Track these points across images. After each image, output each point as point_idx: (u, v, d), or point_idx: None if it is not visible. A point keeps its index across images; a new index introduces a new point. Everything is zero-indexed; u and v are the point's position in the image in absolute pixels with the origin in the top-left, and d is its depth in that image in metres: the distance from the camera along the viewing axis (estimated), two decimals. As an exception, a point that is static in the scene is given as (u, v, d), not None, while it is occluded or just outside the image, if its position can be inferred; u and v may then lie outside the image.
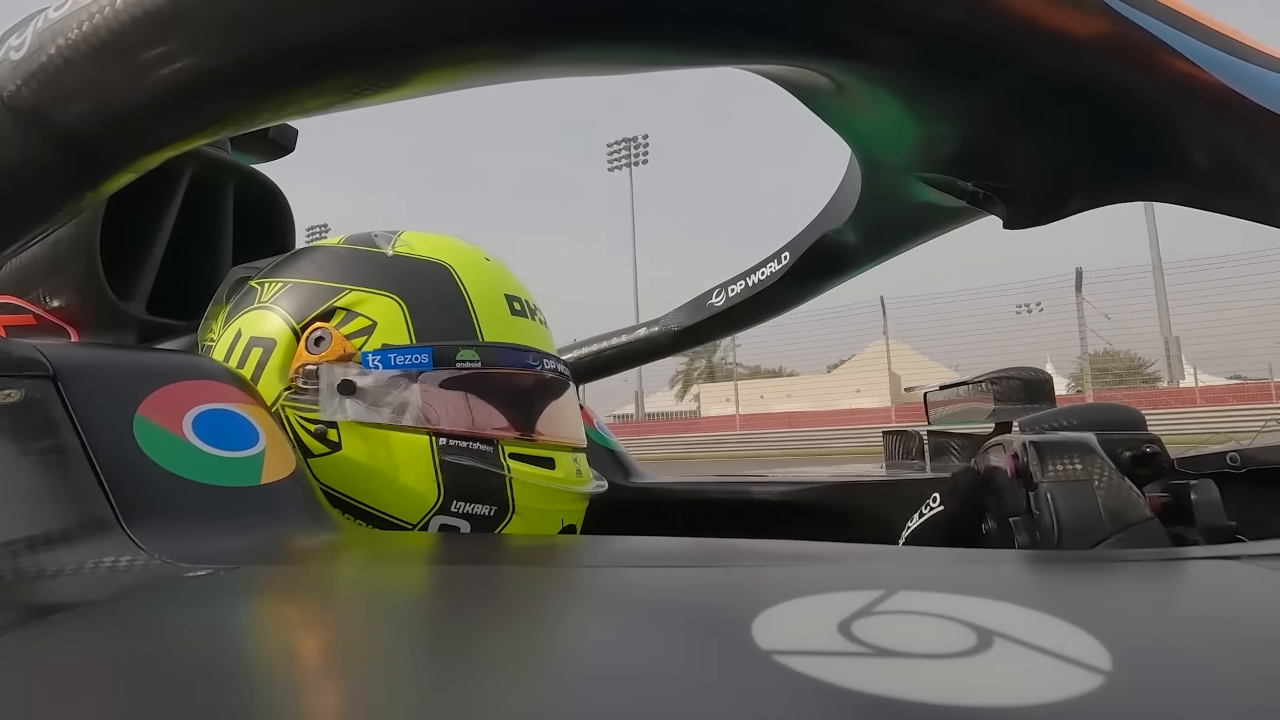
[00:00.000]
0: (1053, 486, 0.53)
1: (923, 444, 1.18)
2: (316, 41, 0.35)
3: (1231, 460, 0.69)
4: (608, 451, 1.02)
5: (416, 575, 0.41)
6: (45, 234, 0.47)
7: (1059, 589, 0.31)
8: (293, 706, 0.22)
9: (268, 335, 0.65)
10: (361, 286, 0.65)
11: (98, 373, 0.50)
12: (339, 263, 0.67)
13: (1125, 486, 0.53)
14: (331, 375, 0.62)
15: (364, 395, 0.62)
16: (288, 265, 0.70)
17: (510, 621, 0.30)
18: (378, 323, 0.63)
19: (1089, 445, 0.56)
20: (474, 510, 0.63)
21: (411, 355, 0.62)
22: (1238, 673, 0.21)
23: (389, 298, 0.64)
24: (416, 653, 0.26)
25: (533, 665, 0.25)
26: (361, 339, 0.63)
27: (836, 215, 0.84)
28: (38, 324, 0.79)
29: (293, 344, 0.64)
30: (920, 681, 0.20)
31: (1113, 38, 0.37)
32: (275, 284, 0.67)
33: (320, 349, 0.63)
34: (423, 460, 0.62)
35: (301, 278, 0.67)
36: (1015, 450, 0.59)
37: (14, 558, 0.39)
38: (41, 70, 0.37)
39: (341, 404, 0.61)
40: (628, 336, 1.23)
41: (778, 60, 0.45)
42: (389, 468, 0.62)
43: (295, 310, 0.65)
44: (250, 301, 0.68)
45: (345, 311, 0.64)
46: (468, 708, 0.21)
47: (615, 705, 0.20)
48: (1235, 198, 0.44)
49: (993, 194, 0.57)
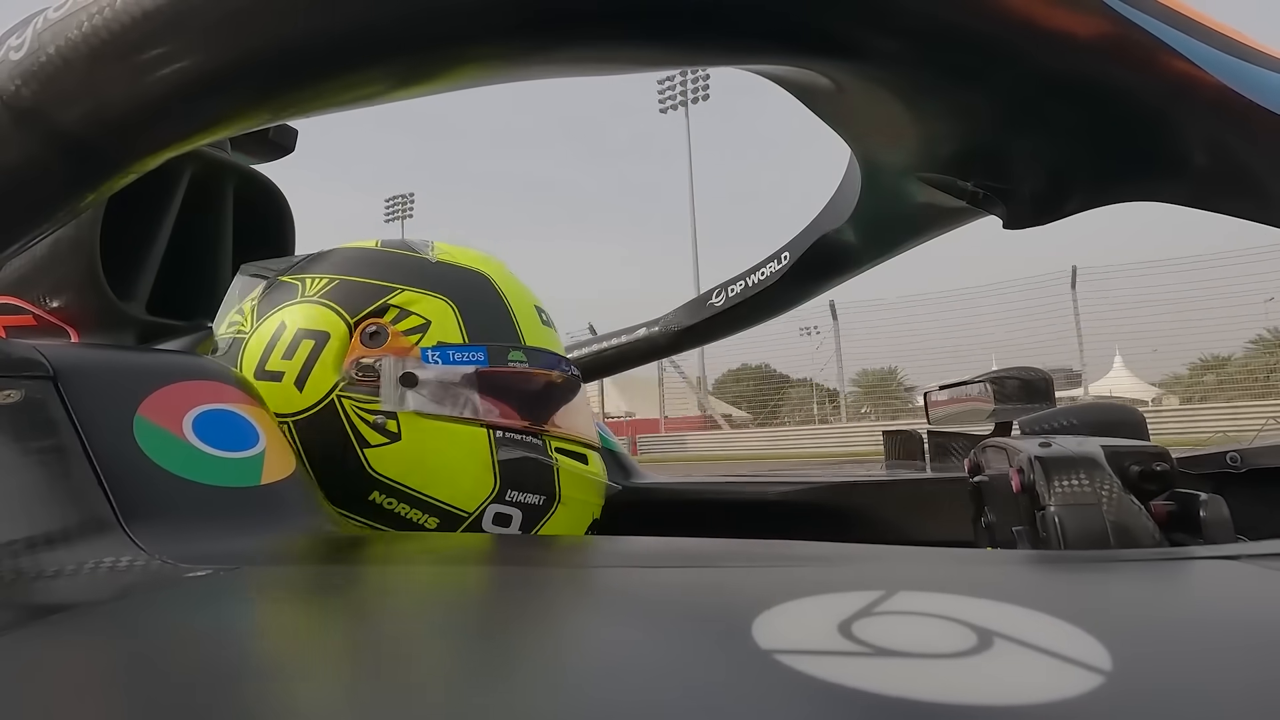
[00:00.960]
0: (1061, 511, 0.52)
1: (923, 444, 1.18)
2: (316, 42, 0.35)
3: (1232, 460, 0.69)
4: (608, 452, 1.02)
5: (416, 575, 0.41)
6: (45, 234, 0.47)
7: (1059, 589, 0.31)
8: (293, 707, 0.22)
9: (319, 328, 0.66)
10: (413, 287, 0.68)
11: (98, 373, 0.50)
12: (387, 263, 0.70)
13: (1134, 510, 0.52)
14: (394, 368, 0.64)
15: (425, 388, 0.64)
16: (324, 263, 0.71)
17: (511, 621, 0.30)
18: (432, 321, 0.67)
19: (1095, 461, 0.55)
20: (526, 499, 0.67)
21: (468, 353, 0.66)
22: (1237, 673, 0.21)
23: (441, 299, 0.68)
24: (416, 653, 0.26)
25: (533, 665, 0.25)
26: (417, 336, 0.66)
27: (836, 215, 0.84)
28: (38, 324, 0.79)
29: (346, 337, 0.66)
30: (920, 681, 0.20)
31: (1113, 38, 0.37)
32: (320, 279, 0.69)
33: (375, 343, 0.65)
34: (481, 451, 0.65)
35: (350, 275, 0.69)
36: (1021, 465, 0.58)
37: (14, 558, 0.39)
38: (41, 70, 0.37)
39: (403, 395, 0.64)
40: (628, 337, 1.23)
41: (778, 60, 0.45)
42: (448, 458, 0.65)
43: (348, 305, 0.66)
44: (291, 295, 0.68)
45: (398, 309, 0.66)
46: (467, 707, 0.21)
47: (616, 704, 0.20)
48: (1235, 198, 0.44)
49: (992, 194, 0.57)
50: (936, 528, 0.88)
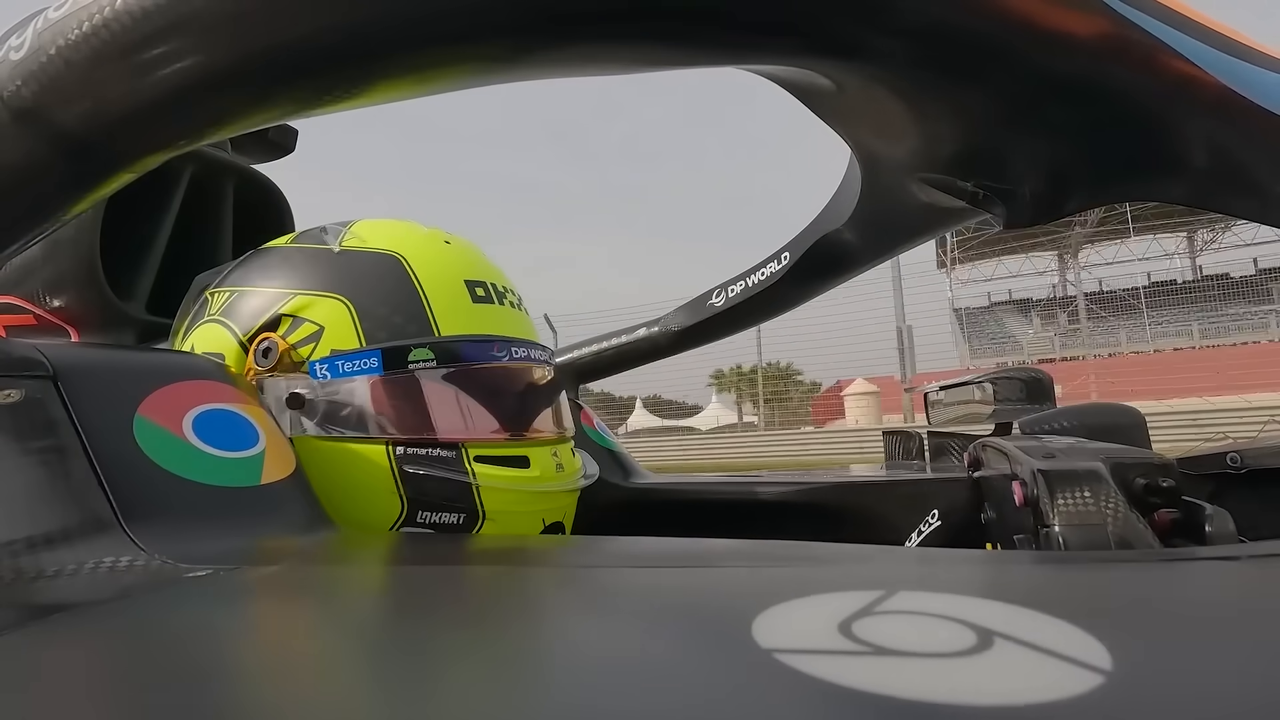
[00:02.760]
0: (1066, 531, 0.51)
1: (922, 444, 1.18)
2: (316, 43, 0.35)
3: (1232, 461, 0.69)
4: (608, 452, 1.02)
5: (416, 576, 0.41)
6: (45, 234, 0.47)
7: (1059, 589, 0.31)
8: (292, 707, 0.22)
9: (215, 350, 0.63)
10: (306, 290, 0.61)
11: (98, 373, 0.50)
12: (285, 266, 0.64)
13: (1139, 529, 0.51)
14: (278, 389, 0.59)
15: (315, 408, 0.59)
16: (238, 272, 0.67)
17: (511, 622, 0.30)
18: (325, 327, 0.60)
19: (1098, 474, 0.54)
20: (441, 519, 0.60)
21: (360, 360, 0.59)
22: (1237, 673, 0.21)
23: (335, 299, 0.61)
24: (416, 654, 0.26)
25: (532, 665, 0.25)
26: (310, 346, 0.60)
27: (836, 215, 0.84)
28: (38, 324, 0.79)
29: (242, 358, 0.61)
30: (921, 681, 0.20)
31: (1112, 38, 0.37)
32: (223, 294, 0.65)
33: (268, 361, 0.60)
34: (381, 472, 0.58)
35: (248, 285, 0.64)
36: (1024, 478, 0.57)
37: (14, 558, 0.39)
38: (41, 71, 0.37)
39: (294, 419, 0.59)
40: (628, 337, 1.23)
41: (779, 61, 0.45)
42: (348, 482, 0.59)
43: (242, 321, 0.62)
44: (202, 315, 0.65)
45: (291, 318, 0.61)
46: (467, 708, 0.21)
47: (616, 704, 0.20)
48: (1235, 197, 0.44)
49: (992, 194, 0.57)
50: None
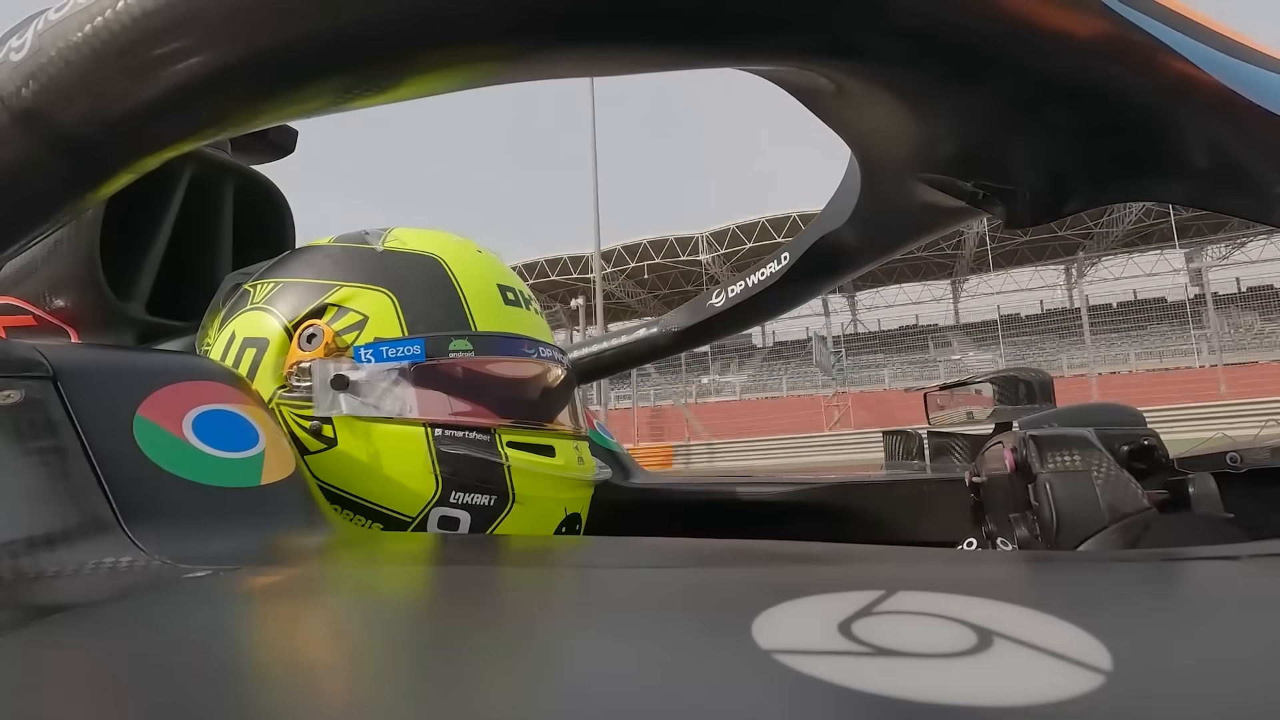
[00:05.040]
0: (1051, 477, 0.54)
1: (923, 444, 1.18)
2: (317, 42, 0.35)
3: (1232, 460, 0.69)
4: (608, 452, 1.02)
5: (416, 576, 0.41)
6: (45, 234, 0.47)
7: (1059, 589, 0.31)
8: (292, 707, 0.22)
9: (260, 335, 0.65)
10: (352, 282, 0.65)
11: (98, 373, 0.50)
12: (330, 260, 0.68)
13: (1124, 478, 0.54)
14: (324, 370, 0.62)
15: (357, 389, 0.61)
16: (280, 266, 0.70)
17: (511, 623, 0.30)
18: (369, 317, 0.63)
19: (1087, 439, 0.57)
20: (473, 500, 0.63)
21: (403, 347, 0.62)
22: (1238, 673, 0.21)
23: (380, 292, 0.64)
24: (416, 654, 0.26)
25: (532, 666, 0.25)
26: (354, 334, 0.63)
27: (836, 215, 0.84)
28: (38, 325, 0.79)
29: (286, 342, 0.64)
30: (921, 681, 0.20)
31: (1112, 38, 0.37)
32: (267, 285, 0.68)
33: (313, 346, 0.63)
34: (419, 452, 0.61)
35: (293, 277, 0.67)
36: (1014, 444, 0.59)
37: (14, 558, 0.39)
38: (42, 71, 0.37)
39: (335, 399, 0.61)
40: (628, 337, 1.23)
41: (779, 61, 0.45)
42: (386, 461, 0.61)
43: (287, 309, 0.65)
44: (244, 304, 0.68)
45: (336, 308, 0.64)
46: (466, 709, 0.21)
47: (615, 705, 0.20)
48: (1234, 197, 0.44)
49: (992, 194, 0.57)
50: (936, 528, 0.88)
